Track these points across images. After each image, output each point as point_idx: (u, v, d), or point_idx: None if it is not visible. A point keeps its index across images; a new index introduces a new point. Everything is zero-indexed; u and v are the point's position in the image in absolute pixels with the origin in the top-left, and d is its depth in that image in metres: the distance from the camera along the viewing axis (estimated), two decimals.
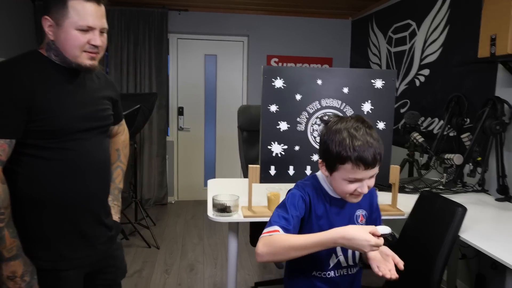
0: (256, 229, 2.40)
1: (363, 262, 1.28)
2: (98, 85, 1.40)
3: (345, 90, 1.86)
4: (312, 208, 1.24)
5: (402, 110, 3.69)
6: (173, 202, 4.87)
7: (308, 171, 1.88)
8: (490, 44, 2.23)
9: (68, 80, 1.29)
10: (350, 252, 1.28)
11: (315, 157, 1.88)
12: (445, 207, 1.70)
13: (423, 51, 3.39)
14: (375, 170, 1.16)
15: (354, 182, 1.15)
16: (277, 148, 1.86)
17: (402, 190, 2.32)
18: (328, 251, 1.24)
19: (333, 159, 1.15)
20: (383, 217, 1.93)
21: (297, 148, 1.87)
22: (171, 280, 2.91)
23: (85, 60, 1.26)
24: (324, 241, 1.09)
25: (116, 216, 1.52)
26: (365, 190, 1.16)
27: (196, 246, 3.54)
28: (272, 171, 1.86)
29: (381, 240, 1.07)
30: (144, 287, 2.79)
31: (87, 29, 1.23)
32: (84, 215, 1.33)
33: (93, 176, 1.33)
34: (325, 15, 4.80)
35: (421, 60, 3.42)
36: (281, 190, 1.92)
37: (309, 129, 1.86)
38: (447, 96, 2.88)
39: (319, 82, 1.84)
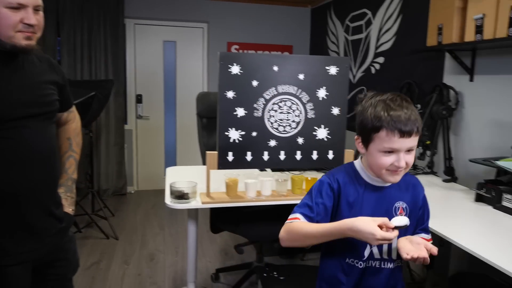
0: (216, 216, 2.41)
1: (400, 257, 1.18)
2: (40, 69, 1.32)
3: (301, 76, 1.88)
4: (341, 196, 1.19)
5: (358, 96, 3.79)
6: (132, 192, 4.79)
7: (266, 156, 1.91)
8: (437, 33, 2.33)
9: (4, 63, 1.21)
10: (386, 245, 1.20)
11: (272, 143, 1.90)
12: None
13: (378, 40, 3.49)
14: (412, 142, 1.11)
15: (390, 154, 1.11)
16: (234, 134, 1.87)
17: None
18: (364, 241, 1.12)
19: (368, 129, 1.12)
20: None
21: (254, 134, 1.88)
22: (130, 270, 2.88)
23: (21, 40, 1.18)
24: (333, 231, 1.09)
25: (69, 208, 1.46)
26: (402, 164, 1.10)
27: (156, 235, 3.51)
28: (230, 157, 1.87)
29: (391, 234, 1.04)
30: (102, 279, 2.75)
31: (18, 7, 1.16)
32: (29, 206, 1.27)
33: (37, 166, 1.27)
34: (286, 2, 4.82)
35: (376, 48, 3.52)
36: (239, 176, 1.93)
37: (266, 115, 1.88)
38: (400, 83, 2.99)
39: (275, 68, 1.86)
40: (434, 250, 1.09)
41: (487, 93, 2.37)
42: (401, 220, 1.08)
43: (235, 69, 1.83)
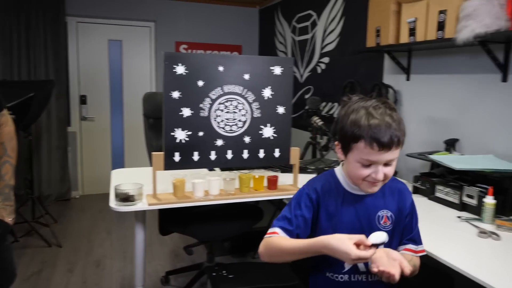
0: (164, 218, 2.38)
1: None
2: None
3: (246, 76, 1.91)
4: (321, 206, 1.15)
5: (306, 96, 3.89)
6: (77, 196, 4.60)
7: (213, 156, 1.91)
8: (376, 35, 2.45)
9: None
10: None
11: (219, 142, 1.91)
12: None
13: (323, 40, 3.60)
14: (393, 155, 1.05)
15: (369, 166, 1.06)
16: (180, 135, 1.85)
17: (304, 170, 2.46)
18: None
19: (347, 137, 1.07)
20: (286, 197, 2.05)
21: (201, 134, 1.88)
22: (75, 278, 2.76)
23: None
24: (309, 249, 1.04)
25: (9, 218, 1.39)
26: (380, 176, 1.06)
27: (103, 241, 3.40)
28: (177, 157, 1.86)
29: (367, 253, 0.98)
30: None
31: None
32: None
33: None
34: (234, 3, 4.84)
35: (322, 48, 3.63)
36: (187, 176, 1.92)
37: (212, 115, 1.88)
38: (344, 82, 3.10)
39: (221, 68, 1.87)
40: (407, 270, 1.01)
41: (422, 91, 2.53)
42: (379, 236, 1.01)
43: (180, 69, 1.81)
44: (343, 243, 0.98)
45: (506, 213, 1.72)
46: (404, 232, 1.20)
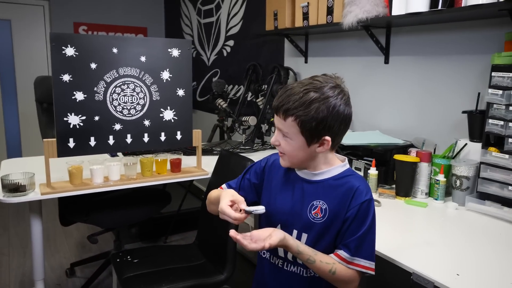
0: (65, 208, 2.27)
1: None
2: None
3: (143, 58, 1.87)
4: (265, 177, 1.17)
5: (214, 79, 3.91)
6: None
7: (111, 141, 1.86)
8: (274, 18, 2.54)
9: None
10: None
11: (117, 126, 1.86)
12: (238, 163, 1.92)
13: (227, 23, 3.63)
14: (282, 124, 1.02)
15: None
16: (74, 120, 1.77)
17: (210, 152, 2.50)
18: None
19: None
20: (190, 179, 2.08)
21: (97, 118, 1.81)
22: None
23: None
24: (216, 196, 1.12)
25: None
26: (272, 140, 1.07)
27: None
28: (71, 143, 1.78)
29: (231, 211, 0.99)
30: None
31: None
32: None
33: None
34: None
35: (227, 31, 3.66)
36: (83, 162, 1.85)
37: (109, 99, 1.83)
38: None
39: (115, 50, 1.81)
40: (245, 242, 0.94)
41: (319, 73, 2.68)
42: (257, 208, 1.02)
43: (69, 51, 1.72)
44: (225, 194, 1.04)
45: (388, 182, 1.93)
46: (338, 237, 1.04)
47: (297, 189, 1.09)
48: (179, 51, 1.95)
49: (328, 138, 1.01)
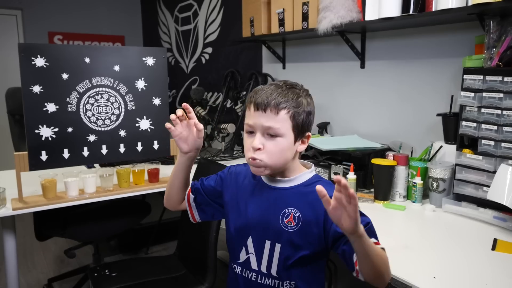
0: (41, 222, 2.21)
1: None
2: None
3: (116, 68, 1.84)
4: (224, 186, 1.13)
5: (193, 87, 3.89)
6: None
7: (86, 152, 1.82)
8: (250, 25, 2.54)
9: None
10: (266, 256, 1.02)
11: (92, 137, 1.82)
12: (217, 171, 1.89)
13: (205, 31, 3.62)
14: (271, 121, 0.94)
15: (250, 134, 0.98)
16: (46, 132, 1.73)
17: None
18: (240, 242, 1.05)
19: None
20: (163, 190, 2.04)
21: (70, 129, 1.77)
22: None
23: None
24: (176, 165, 1.13)
25: None
26: (256, 144, 0.94)
27: None
28: (43, 156, 1.73)
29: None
30: None
31: None
32: None
33: None
34: None
35: (205, 39, 3.65)
36: (57, 175, 1.80)
37: (82, 109, 1.79)
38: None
39: (87, 60, 1.77)
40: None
41: (297, 79, 2.66)
42: None
43: (39, 62, 1.68)
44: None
45: (367, 186, 1.93)
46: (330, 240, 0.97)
47: (267, 198, 1.03)
48: (154, 59, 1.93)
49: (309, 134, 1.01)
